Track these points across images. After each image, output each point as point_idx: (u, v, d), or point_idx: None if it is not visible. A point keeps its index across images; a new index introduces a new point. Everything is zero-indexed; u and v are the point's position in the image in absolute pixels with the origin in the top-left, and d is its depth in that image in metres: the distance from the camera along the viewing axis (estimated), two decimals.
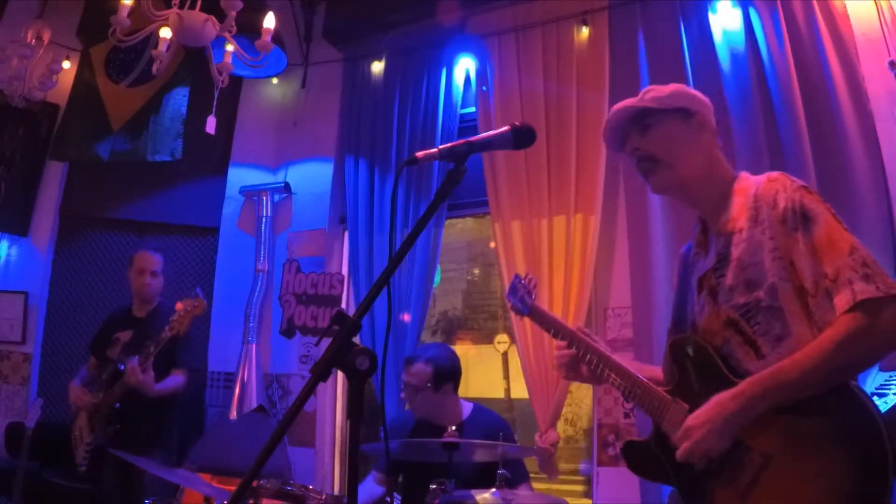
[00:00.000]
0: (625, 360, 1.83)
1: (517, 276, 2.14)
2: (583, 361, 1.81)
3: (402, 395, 2.93)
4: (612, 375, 1.75)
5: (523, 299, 2.08)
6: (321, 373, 1.23)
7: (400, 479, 2.91)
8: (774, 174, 1.61)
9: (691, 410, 1.56)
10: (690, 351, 1.64)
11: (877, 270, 1.41)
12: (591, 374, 1.81)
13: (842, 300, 1.40)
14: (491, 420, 2.95)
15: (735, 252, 1.58)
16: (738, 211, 1.61)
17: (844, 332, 1.39)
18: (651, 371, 1.83)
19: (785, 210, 1.52)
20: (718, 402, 1.49)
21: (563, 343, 1.87)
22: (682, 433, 1.53)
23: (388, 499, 2.87)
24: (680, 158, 1.68)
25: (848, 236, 1.46)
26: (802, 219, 1.49)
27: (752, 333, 1.53)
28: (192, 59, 4.13)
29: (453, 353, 3.05)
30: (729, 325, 1.57)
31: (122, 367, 3.30)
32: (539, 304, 2.05)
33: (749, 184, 1.64)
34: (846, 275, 1.41)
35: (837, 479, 1.33)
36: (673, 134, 1.69)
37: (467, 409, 2.97)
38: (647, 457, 1.68)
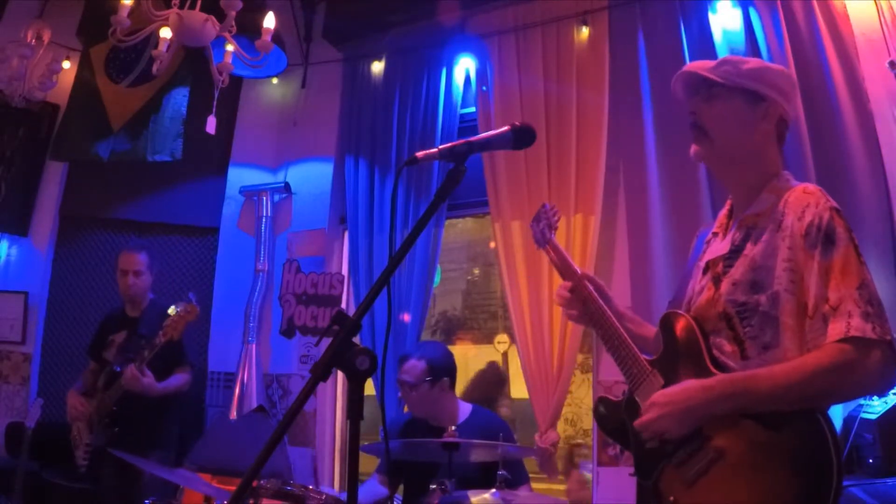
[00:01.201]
0: (623, 312, 1.89)
1: (545, 205, 2.15)
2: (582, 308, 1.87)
3: (400, 395, 2.93)
4: (603, 331, 1.80)
5: (543, 231, 2.10)
6: (321, 373, 1.23)
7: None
8: (812, 187, 1.60)
9: (665, 387, 1.58)
10: (680, 329, 1.64)
11: (878, 312, 1.40)
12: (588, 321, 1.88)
13: (835, 330, 1.39)
14: (490, 421, 2.95)
15: (749, 249, 1.58)
16: (765, 209, 1.60)
17: (827, 361, 1.38)
18: (648, 331, 1.86)
19: (810, 225, 1.50)
20: (686, 389, 1.51)
21: (568, 284, 1.91)
22: (646, 406, 1.56)
23: (389, 500, 2.87)
24: (727, 140, 1.65)
25: (863, 271, 1.44)
26: (825, 239, 1.47)
27: (742, 333, 1.53)
28: (192, 59, 4.12)
29: (447, 350, 3.06)
30: (723, 318, 1.57)
31: (119, 369, 3.30)
32: (556, 240, 2.08)
33: (785, 186, 1.62)
34: (847, 307, 1.40)
35: (780, 494, 1.35)
36: (731, 115, 1.64)
37: (466, 410, 2.97)
38: (616, 419, 1.71)
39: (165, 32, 3.16)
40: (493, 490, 2.37)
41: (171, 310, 3.24)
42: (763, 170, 1.66)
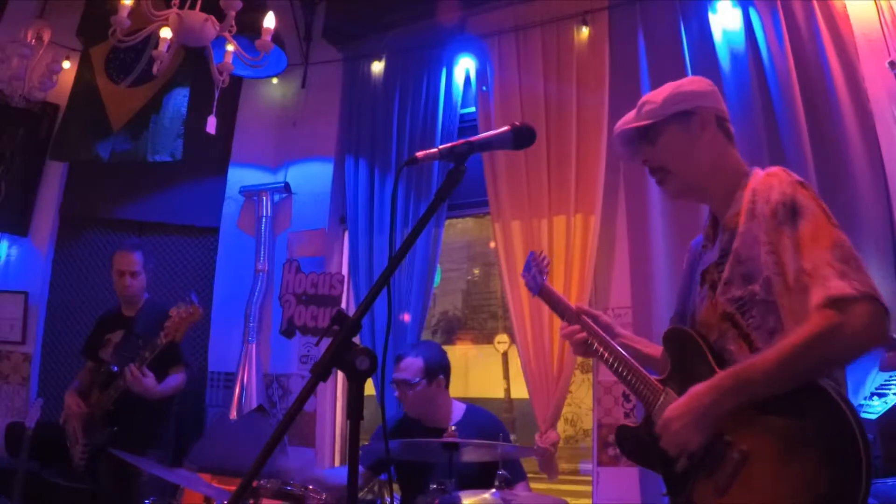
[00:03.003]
0: (628, 336, 1.93)
1: (532, 254, 2.22)
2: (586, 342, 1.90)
3: (396, 394, 2.93)
4: (611, 360, 1.83)
5: (535, 277, 2.17)
6: (321, 373, 1.23)
7: (383, 477, 2.91)
8: (774, 169, 1.62)
9: None
10: (682, 342, 1.66)
11: (856, 267, 1.39)
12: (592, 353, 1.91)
13: (815, 296, 1.39)
14: (486, 420, 2.95)
15: (734, 247, 1.59)
16: (741, 206, 1.61)
17: (813, 329, 1.38)
18: (655, 350, 1.87)
19: (776, 204, 1.52)
20: (694, 395, 1.51)
21: (575, 326, 1.95)
22: (661, 424, 1.56)
23: (388, 499, 2.87)
24: (685, 165, 1.70)
25: (834, 233, 1.44)
26: (791, 213, 1.49)
27: (746, 327, 1.54)
28: (192, 59, 4.12)
29: (442, 348, 3.06)
30: (725, 319, 1.58)
31: (116, 369, 3.29)
32: (549, 284, 2.14)
33: (755, 180, 1.64)
34: (823, 271, 1.40)
35: (813, 479, 1.34)
36: (675, 142, 1.69)
37: (460, 409, 2.96)
38: (639, 443, 1.70)
39: (165, 32, 3.16)
40: (493, 490, 2.36)
41: (174, 310, 3.21)
42: (731, 174, 1.69)
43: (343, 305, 4.03)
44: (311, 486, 2.42)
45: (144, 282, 3.64)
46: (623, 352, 1.82)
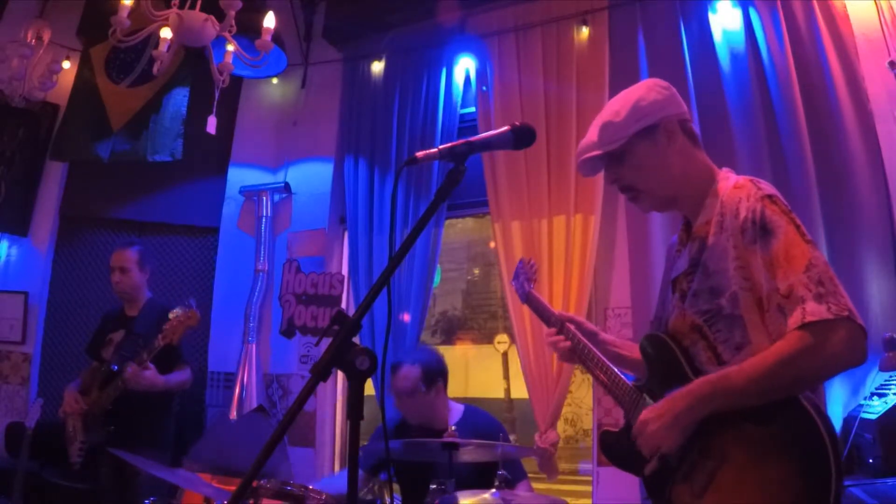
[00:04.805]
0: (612, 341, 1.95)
1: (521, 262, 2.25)
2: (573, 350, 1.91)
3: (395, 403, 2.91)
4: (593, 368, 1.84)
5: (523, 285, 2.20)
6: (321, 373, 1.23)
7: (383, 478, 2.90)
8: (742, 180, 1.60)
9: None
10: (658, 348, 1.67)
11: (831, 289, 1.38)
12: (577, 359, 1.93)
13: (793, 318, 1.39)
14: (485, 421, 2.94)
15: (703, 258, 1.59)
16: (711, 216, 1.61)
17: (790, 350, 1.38)
18: (639, 354, 1.86)
19: (745, 220, 1.50)
20: (670, 399, 1.52)
21: (554, 330, 1.97)
22: (637, 427, 1.56)
23: (388, 499, 2.87)
24: (655, 182, 1.68)
25: (807, 251, 1.42)
26: (761, 231, 1.47)
27: (713, 340, 1.55)
28: (192, 59, 4.13)
29: (438, 352, 3.05)
30: (694, 330, 1.59)
31: (116, 368, 3.30)
32: (535, 292, 2.17)
33: (723, 186, 1.63)
34: (799, 292, 1.39)
35: (784, 485, 1.35)
36: (643, 160, 1.66)
37: (458, 411, 2.95)
38: (621, 448, 1.71)
39: (165, 32, 3.16)
40: (493, 490, 2.36)
41: (172, 314, 3.24)
42: (700, 178, 1.67)
43: (343, 305, 4.03)
44: (310, 486, 2.41)
45: (137, 279, 3.63)
46: (604, 358, 1.83)
